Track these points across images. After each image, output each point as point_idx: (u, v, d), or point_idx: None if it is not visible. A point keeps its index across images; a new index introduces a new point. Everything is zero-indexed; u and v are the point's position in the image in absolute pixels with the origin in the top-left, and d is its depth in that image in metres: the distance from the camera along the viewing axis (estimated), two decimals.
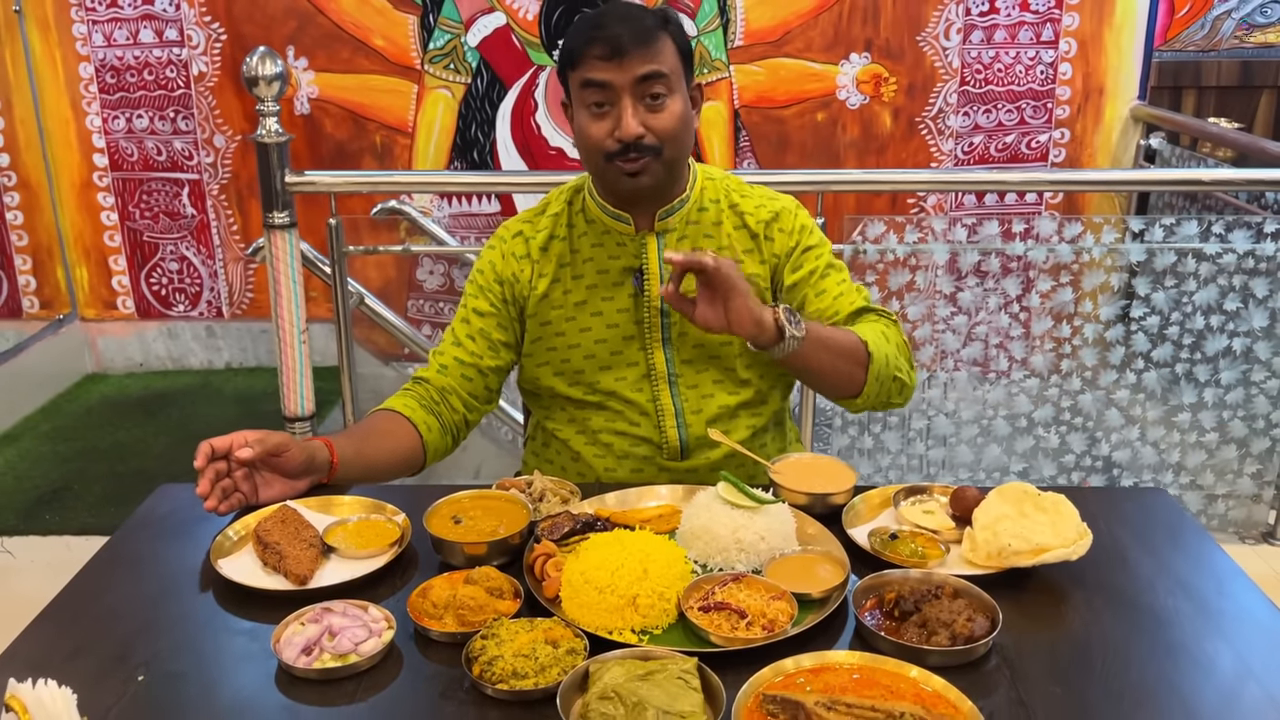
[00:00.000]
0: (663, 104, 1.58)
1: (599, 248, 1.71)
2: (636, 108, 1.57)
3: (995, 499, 1.32)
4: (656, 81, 1.56)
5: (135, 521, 1.45)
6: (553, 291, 1.71)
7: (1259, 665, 1.15)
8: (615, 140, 1.57)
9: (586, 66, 1.57)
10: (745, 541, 1.29)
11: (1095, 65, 3.77)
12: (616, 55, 1.55)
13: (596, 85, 1.57)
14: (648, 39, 1.56)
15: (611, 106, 1.58)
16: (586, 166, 1.68)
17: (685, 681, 1.04)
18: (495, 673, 1.08)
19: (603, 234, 1.72)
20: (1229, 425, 2.98)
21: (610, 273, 1.71)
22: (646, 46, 1.55)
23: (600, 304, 1.70)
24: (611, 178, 1.62)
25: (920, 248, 2.86)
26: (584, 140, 1.62)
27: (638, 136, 1.56)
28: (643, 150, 1.58)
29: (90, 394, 4.12)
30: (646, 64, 1.55)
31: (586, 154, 1.64)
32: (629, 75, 1.55)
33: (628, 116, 1.56)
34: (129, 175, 4.05)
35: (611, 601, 1.17)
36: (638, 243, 1.70)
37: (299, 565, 1.26)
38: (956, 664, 1.12)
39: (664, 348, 1.70)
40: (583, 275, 1.71)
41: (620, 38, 1.54)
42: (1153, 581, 1.29)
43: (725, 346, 1.70)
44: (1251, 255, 2.83)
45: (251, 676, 1.12)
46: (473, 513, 1.37)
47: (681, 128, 1.61)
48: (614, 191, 1.67)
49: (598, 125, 1.59)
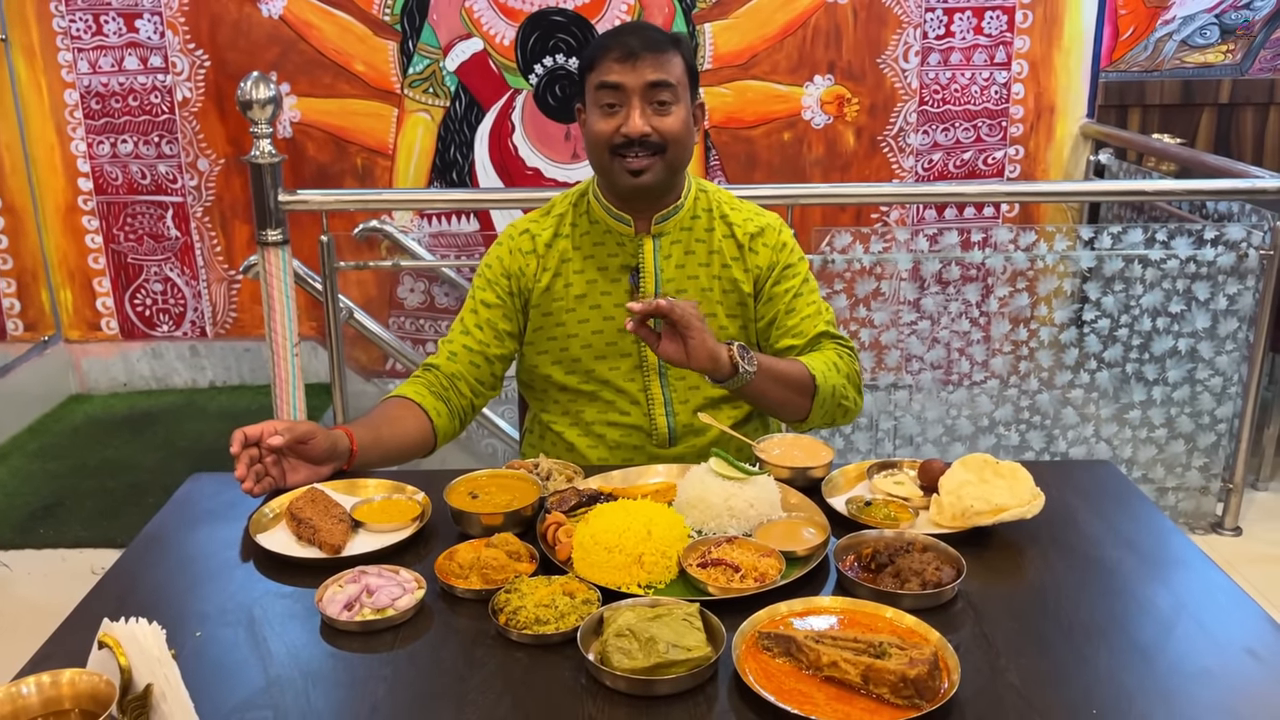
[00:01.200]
0: (669, 109, 1.74)
1: (600, 246, 1.86)
2: (644, 109, 1.73)
3: (959, 468, 1.47)
4: (664, 89, 1.73)
5: (173, 505, 1.57)
6: (554, 285, 1.85)
7: (1193, 603, 1.31)
8: (621, 135, 1.73)
9: (602, 69, 1.74)
10: (736, 508, 1.43)
11: (1046, 85, 3.96)
12: (630, 59, 1.71)
13: (610, 87, 1.73)
14: (660, 49, 1.73)
15: (621, 107, 1.74)
16: (592, 163, 1.82)
17: (689, 622, 1.17)
18: (520, 621, 1.21)
19: (604, 233, 1.86)
20: (1177, 421, 3.16)
21: (609, 270, 1.85)
22: (658, 55, 1.73)
23: (599, 298, 1.85)
24: (615, 173, 1.77)
25: (885, 257, 3.02)
26: (592, 135, 1.78)
27: (643, 134, 1.72)
28: (648, 147, 1.74)
29: (75, 414, 4.18)
30: (657, 71, 1.72)
31: (593, 149, 1.79)
32: (640, 79, 1.72)
33: (635, 115, 1.72)
34: (114, 199, 4.13)
35: (619, 560, 1.31)
36: (635, 243, 1.85)
37: (332, 536, 1.39)
38: (928, 606, 1.26)
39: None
40: (583, 271, 1.85)
41: (635, 45, 1.71)
42: (1099, 538, 1.45)
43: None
44: (1193, 261, 3.02)
45: (299, 631, 1.25)
46: (488, 489, 1.51)
47: (684, 133, 1.77)
48: (615, 189, 1.81)
49: (606, 122, 1.75)
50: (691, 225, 1.87)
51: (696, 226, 1.87)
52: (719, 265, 1.86)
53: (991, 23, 3.89)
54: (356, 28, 3.89)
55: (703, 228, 1.87)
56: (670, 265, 1.85)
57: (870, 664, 1.09)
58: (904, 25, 3.87)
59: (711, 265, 1.86)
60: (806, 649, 1.13)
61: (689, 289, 1.85)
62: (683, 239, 1.86)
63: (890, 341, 3.10)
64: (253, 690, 1.14)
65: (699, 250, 1.86)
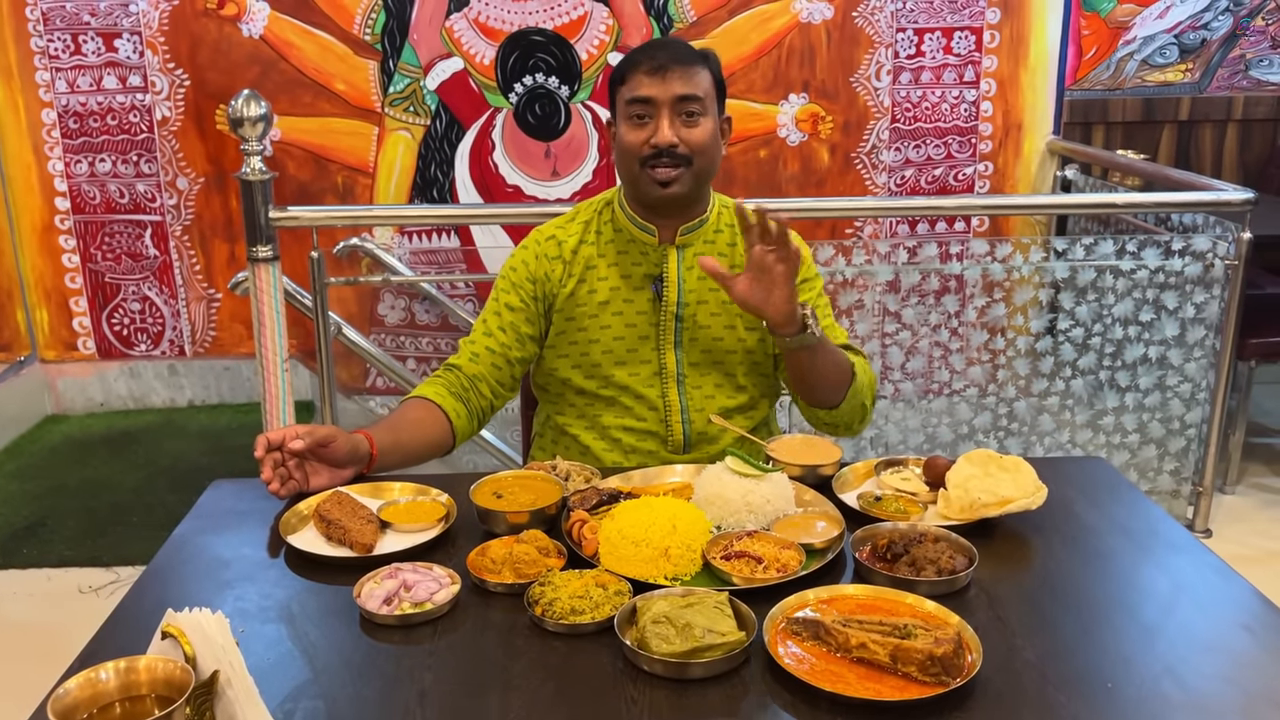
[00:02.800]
0: (697, 121, 1.79)
1: (624, 255, 1.90)
2: (674, 121, 1.77)
3: (964, 463, 1.54)
4: (693, 101, 1.77)
5: (197, 513, 1.59)
6: (579, 291, 1.89)
7: (1188, 583, 1.39)
8: (650, 146, 1.78)
9: (633, 83, 1.79)
10: (753, 504, 1.48)
11: (1013, 103, 4.07)
12: (660, 72, 1.76)
13: (640, 100, 1.77)
14: (689, 63, 1.78)
15: (651, 119, 1.78)
16: (621, 174, 1.87)
17: (721, 610, 1.22)
18: (556, 611, 1.25)
19: (628, 242, 1.90)
20: (1148, 427, 3.26)
21: (633, 278, 1.89)
22: (687, 68, 1.77)
23: (621, 305, 1.89)
24: (644, 184, 1.81)
25: (867, 269, 3.10)
26: (622, 147, 1.82)
27: (671, 144, 1.76)
28: (675, 159, 1.78)
29: (52, 434, 4.16)
30: (686, 85, 1.77)
31: (623, 160, 1.83)
32: (669, 92, 1.76)
33: (664, 125, 1.77)
34: (91, 218, 4.13)
35: (646, 553, 1.36)
36: (660, 253, 1.89)
37: (363, 536, 1.42)
38: (944, 593, 1.32)
39: (675, 350, 1.90)
40: (607, 278, 1.89)
41: (664, 59, 1.77)
42: (1097, 527, 1.52)
43: (730, 355, 1.90)
44: (1162, 271, 3.12)
45: (338, 626, 1.28)
46: (512, 489, 1.55)
47: (712, 144, 1.81)
48: (643, 199, 1.85)
49: (636, 134, 1.79)
50: (715, 239, 1.91)
51: (719, 240, 1.91)
52: None
53: (960, 43, 4.00)
54: (337, 47, 3.92)
55: (725, 241, 1.91)
56: (693, 276, 1.88)
57: (898, 644, 1.15)
58: (876, 45, 3.97)
59: None
60: (835, 632, 1.18)
61: (710, 301, 1.88)
62: (706, 251, 1.89)
63: (872, 352, 3.17)
64: (302, 682, 1.17)
65: (721, 263, 1.86)
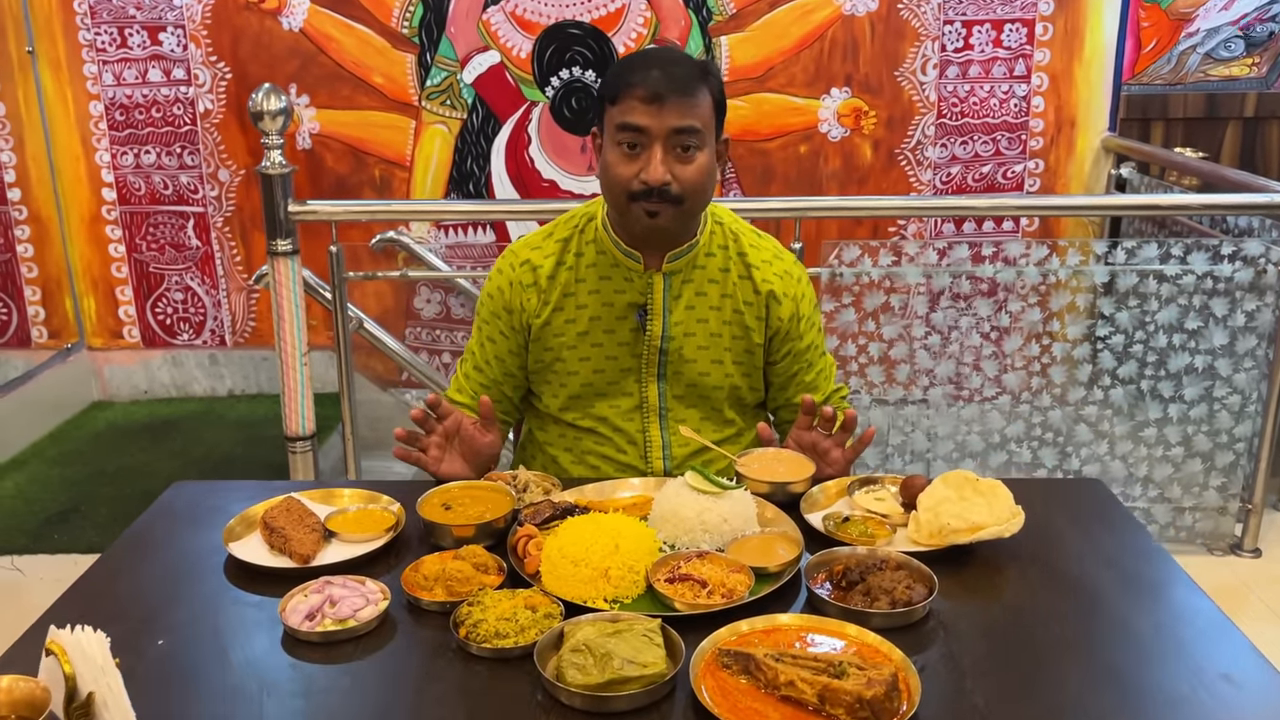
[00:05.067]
0: (692, 156, 1.63)
1: (606, 280, 1.76)
2: (667, 156, 1.62)
3: (939, 485, 1.45)
4: (690, 135, 1.62)
5: (153, 513, 1.57)
6: (555, 320, 1.77)
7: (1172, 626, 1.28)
8: (641, 182, 1.62)
9: (626, 108, 1.62)
10: (709, 523, 1.41)
11: (1067, 98, 3.92)
12: (657, 101, 1.60)
13: (633, 129, 1.62)
14: (689, 90, 1.61)
15: (643, 150, 1.62)
16: (608, 200, 1.72)
17: (649, 638, 1.16)
18: (480, 634, 1.20)
19: (611, 266, 1.76)
20: (1194, 440, 3.10)
21: (615, 306, 1.76)
22: (686, 97, 1.61)
23: (602, 335, 1.77)
24: (632, 217, 1.67)
25: (894, 271, 2.99)
26: (610, 176, 1.66)
27: (664, 183, 1.61)
28: (665, 197, 1.63)
29: (97, 421, 4.23)
30: (683, 117, 1.61)
31: (610, 190, 1.68)
32: (665, 124, 1.60)
33: (656, 162, 1.61)
34: (136, 209, 4.18)
35: (585, 573, 1.30)
36: (644, 280, 1.75)
37: (302, 546, 1.39)
38: (898, 625, 1.24)
39: (658, 383, 1.79)
40: (586, 306, 1.77)
41: (663, 86, 1.60)
42: (1082, 557, 1.42)
43: (716, 390, 1.79)
44: (1210, 276, 2.96)
45: (260, 641, 1.25)
46: (461, 500, 1.50)
47: (706, 180, 1.67)
48: (630, 230, 1.71)
49: (627, 165, 1.63)
50: (706, 264, 1.77)
51: (711, 265, 1.78)
52: (730, 310, 1.78)
53: (1011, 35, 3.86)
54: (375, 40, 3.92)
55: (717, 267, 1.78)
56: (680, 306, 1.76)
57: (827, 684, 1.07)
58: (922, 38, 3.85)
59: (723, 310, 1.78)
60: (765, 667, 1.11)
61: (698, 333, 1.77)
62: (695, 278, 1.77)
63: (901, 356, 3.07)
64: (207, 700, 1.13)
65: (711, 292, 1.77)
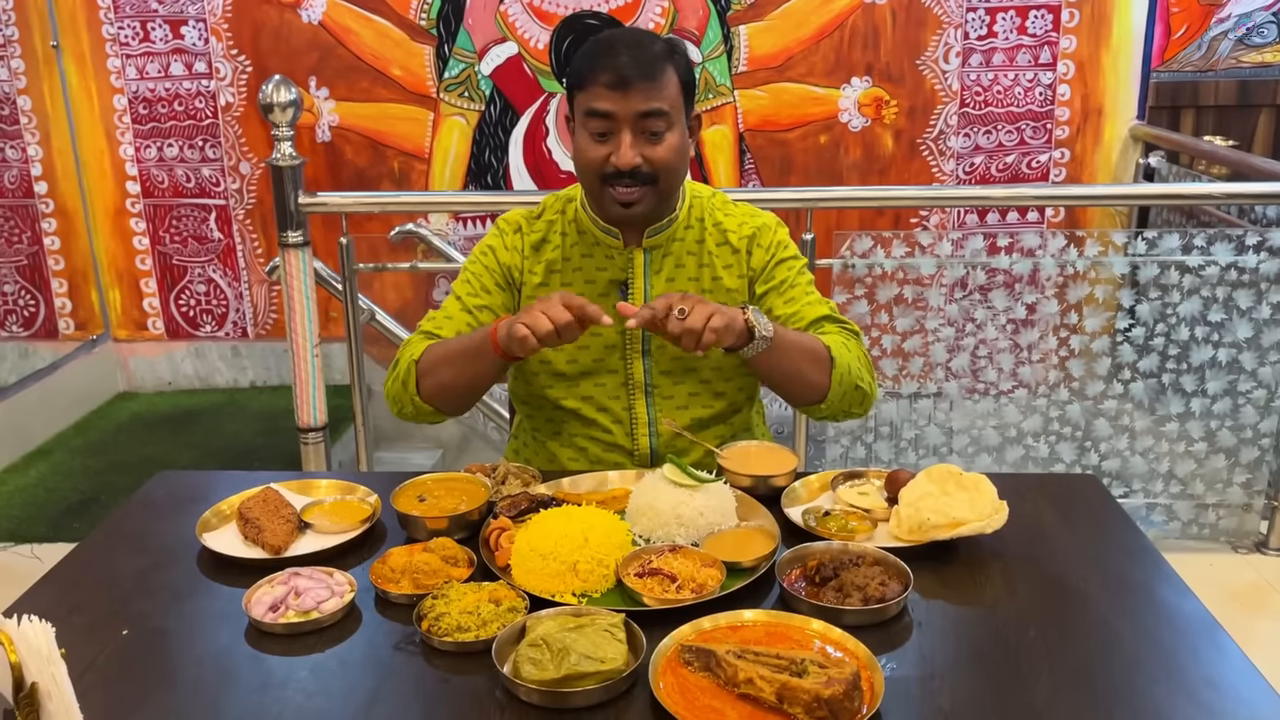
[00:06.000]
0: (661, 138, 1.65)
1: (588, 258, 1.79)
2: (636, 139, 1.64)
3: (922, 479, 1.41)
4: (657, 118, 1.64)
5: (135, 502, 1.58)
6: (539, 293, 1.78)
7: (1156, 631, 1.23)
8: (611, 165, 1.65)
9: (592, 94, 1.64)
10: (685, 517, 1.39)
11: (1093, 86, 3.84)
12: (621, 87, 1.61)
13: (600, 115, 1.64)
14: (653, 73, 1.63)
15: (612, 135, 1.65)
16: (583, 184, 1.75)
17: (611, 634, 1.14)
18: (442, 627, 1.19)
19: (592, 245, 1.79)
20: (1217, 435, 3.02)
21: (597, 283, 1.78)
22: (651, 81, 1.62)
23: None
24: (605, 201, 1.70)
25: (909, 262, 2.94)
26: (582, 160, 1.69)
27: (634, 166, 1.64)
28: (638, 178, 1.65)
29: (121, 411, 4.28)
30: (649, 100, 1.62)
31: (583, 174, 1.71)
32: (631, 108, 1.62)
33: (625, 147, 1.63)
34: (159, 202, 4.22)
35: (553, 567, 1.28)
36: (625, 256, 1.78)
37: (274, 537, 1.38)
38: (870, 623, 1.21)
39: (643, 358, 1.78)
40: (571, 283, 1.78)
41: (627, 70, 1.61)
42: (1068, 557, 1.38)
43: (703, 360, 1.76)
44: (1235, 267, 2.89)
45: (225, 632, 1.24)
46: (436, 492, 1.49)
47: (677, 160, 1.68)
48: (606, 213, 1.74)
49: (596, 149, 1.66)
50: (684, 236, 1.80)
51: (689, 237, 1.80)
52: (709, 278, 1.79)
53: (1036, 22, 3.79)
54: (394, 33, 3.92)
55: (694, 238, 1.80)
56: (660, 280, 1.78)
57: (786, 682, 1.04)
58: (944, 25, 3.79)
59: (701, 279, 1.79)
60: (725, 664, 1.09)
61: None
62: (674, 251, 1.79)
63: (915, 348, 3.02)
64: (165, 691, 1.13)
65: (689, 264, 1.79)
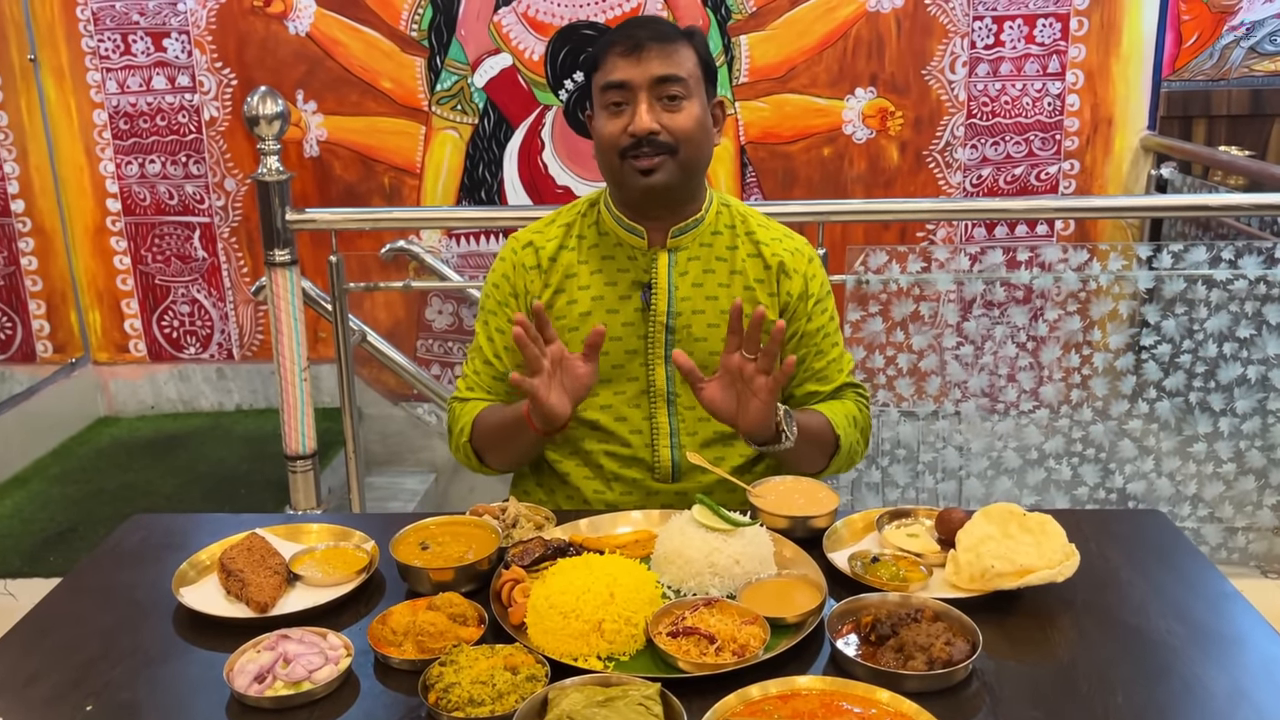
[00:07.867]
0: (679, 105, 1.61)
1: (609, 260, 1.72)
2: (653, 105, 1.60)
3: (980, 520, 1.28)
4: (674, 84, 1.60)
5: (104, 550, 1.43)
6: (556, 302, 1.72)
7: (1253, 686, 1.10)
8: (629, 135, 1.60)
9: (608, 67, 1.62)
10: (719, 565, 1.25)
11: (1103, 96, 3.74)
12: (635, 52, 1.59)
13: (615, 86, 1.60)
14: (667, 41, 1.61)
15: (629, 105, 1.61)
16: (602, 169, 1.69)
17: (646, 708, 1.00)
18: (451, 700, 1.04)
19: (614, 246, 1.72)
20: (1246, 455, 2.91)
21: (618, 285, 1.71)
22: (665, 46, 1.60)
23: (605, 316, 1.70)
24: (626, 176, 1.63)
25: (923, 277, 2.82)
26: (600, 139, 1.65)
27: (651, 131, 1.59)
28: (657, 146, 1.60)
29: (101, 436, 4.12)
30: (664, 65, 1.59)
31: (602, 154, 1.66)
32: (646, 74, 1.59)
33: (642, 111, 1.59)
34: (141, 220, 4.07)
35: (576, 627, 1.14)
36: (649, 257, 1.70)
37: (260, 593, 1.23)
38: (935, 689, 1.07)
39: (665, 365, 1.70)
40: (589, 287, 1.71)
41: (641, 36, 1.60)
42: (1144, 604, 1.24)
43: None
44: (1264, 281, 2.77)
45: (203, 707, 1.09)
46: (441, 539, 1.34)
47: (698, 131, 1.63)
48: (628, 196, 1.67)
49: (614, 122, 1.62)
50: (712, 241, 1.72)
51: (718, 243, 1.73)
52: (741, 287, 1.71)
53: (1044, 31, 3.69)
54: (383, 44, 3.79)
55: (724, 244, 1.73)
56: (686, 283, 1.70)
57: None
58: (950, 35, 3.68)
59: (733, 286, 1.72)
60: None
61: (707, 310, 1.70)
62: (702, 255, 1.72)
63: (931, 367, 2.90)
64: None
65: (720, 269, 1.72)
